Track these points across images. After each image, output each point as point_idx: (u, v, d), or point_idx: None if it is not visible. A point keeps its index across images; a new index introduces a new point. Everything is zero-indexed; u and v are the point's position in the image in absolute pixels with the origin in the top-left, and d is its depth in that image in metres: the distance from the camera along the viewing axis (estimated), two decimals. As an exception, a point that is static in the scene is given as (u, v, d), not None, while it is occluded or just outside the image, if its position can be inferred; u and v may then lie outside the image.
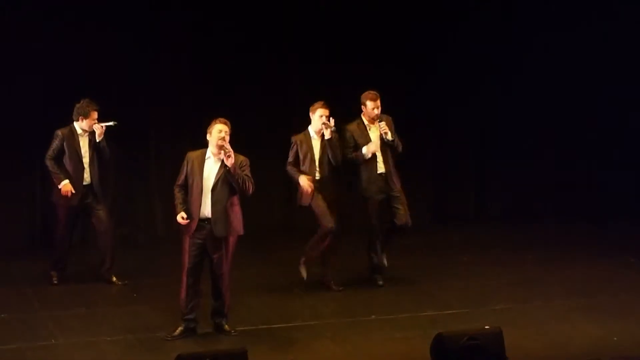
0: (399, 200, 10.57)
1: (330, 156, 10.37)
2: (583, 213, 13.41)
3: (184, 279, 9.07)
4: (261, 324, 9.53)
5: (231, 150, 8.90)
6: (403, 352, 8.91)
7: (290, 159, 10.44)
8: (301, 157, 10.42)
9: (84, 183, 10.61)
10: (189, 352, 7.99)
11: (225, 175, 8.99)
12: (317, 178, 10.40)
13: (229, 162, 8.90)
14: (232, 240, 9.10)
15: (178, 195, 9.08)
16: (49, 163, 10.56)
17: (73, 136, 10.59)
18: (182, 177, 9.10)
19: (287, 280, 10.70)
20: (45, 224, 11.91)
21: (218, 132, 8.96)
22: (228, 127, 9.00)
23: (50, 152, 10.56)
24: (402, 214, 10.55)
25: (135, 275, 10.90)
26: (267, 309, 10.00)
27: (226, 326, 9.24)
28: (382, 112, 10.51)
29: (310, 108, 10.42)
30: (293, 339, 9.20)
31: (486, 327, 8.19)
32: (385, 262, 10.68)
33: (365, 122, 10.57)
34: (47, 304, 10.09)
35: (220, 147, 8.92)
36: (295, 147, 10.44)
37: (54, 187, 10.61)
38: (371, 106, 10.47)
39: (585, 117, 13.70)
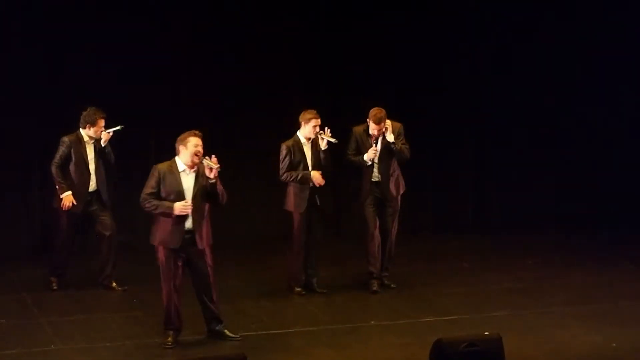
0: (386, 211, 10.66)
1: (322, 161, 10.38)
2: (582, 220, 13.39)
3: (168, 288, 8.99)
4: (260, 330, 9.52)
5: (216, 163, 8.83)
6: (402, 358, 8.91)
7: (284, 168, 10.40)
8: (294, 164, 10.41)
9: (90, 190, 10.58)
10: (187, 358, 7.97)
11: (203, 187, 8.96)
12: (311, 185, 10.43)
13: (213, 175, 8.87)
14: (209, 249, 9.08)
15: (154, 201, 8.94)
16: (54, 170, 10.48)
17: (80, 143, 10.53)
18: (152, 189, 8.95)
19: (285, 286, 10.68)
20: (45, 230, 11.88)
21: (194, 146, 8.89)
22: (201, 139, 8.93)
23: (56, 159, 10.49)
24: (388, 225, 10.66)
25: (134, 282, 10.89)
26: (266, 315, 9.99)
27: (226, 331, 9.20)
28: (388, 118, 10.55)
29: (302, 116, 10.41)
30: (291, 345, 9.20)
31: (486, 333, 8.17)
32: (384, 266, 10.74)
33: (370, 129, 10.57)
34: (46, 310, 10.08)
35: (199, 157, 8.84)
36: (288, 154, 10.41)
37: (56, 193, 10.55)
38: (372, 127, 10.46)
39: (584, 121, 13.68)
